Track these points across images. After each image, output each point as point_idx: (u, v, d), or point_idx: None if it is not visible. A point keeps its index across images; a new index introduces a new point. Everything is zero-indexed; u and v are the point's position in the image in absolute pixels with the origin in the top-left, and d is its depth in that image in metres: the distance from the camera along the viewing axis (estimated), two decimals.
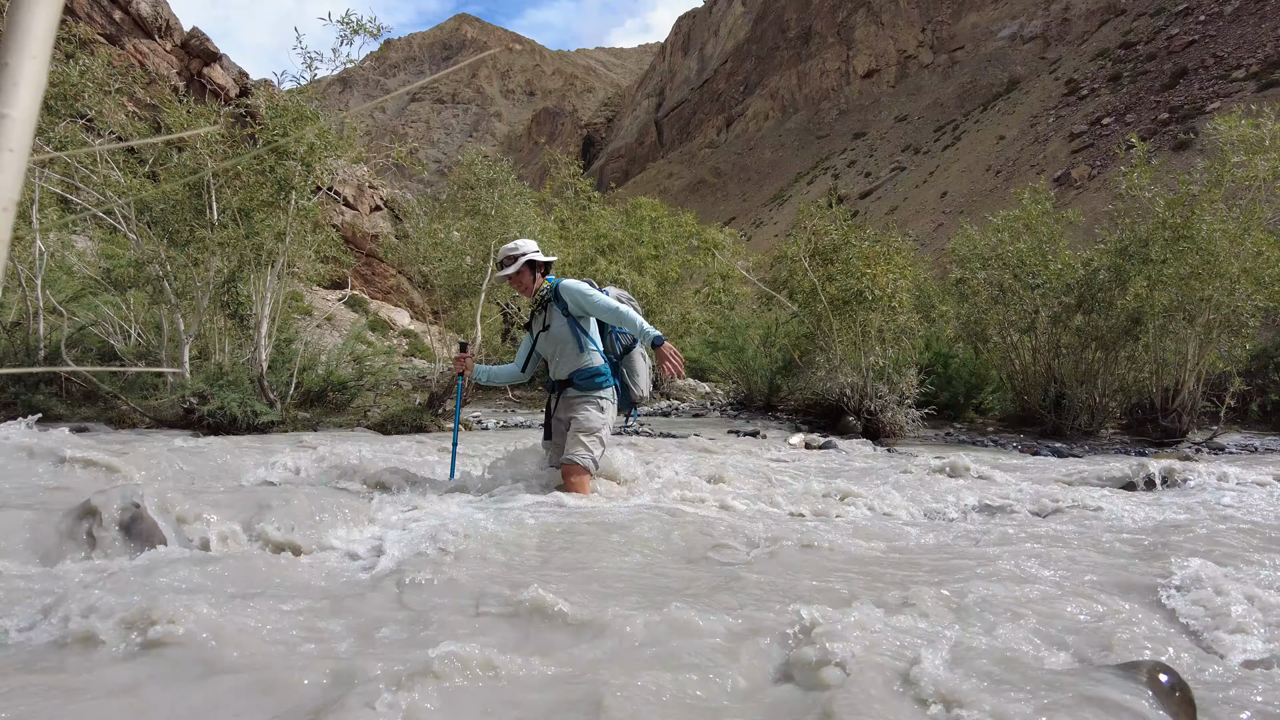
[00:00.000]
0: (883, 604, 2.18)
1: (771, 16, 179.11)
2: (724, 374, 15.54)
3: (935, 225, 79.31)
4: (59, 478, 4.09)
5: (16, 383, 7.47)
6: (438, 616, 2.06)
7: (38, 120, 0.60)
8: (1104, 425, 11.17)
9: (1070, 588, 2.41)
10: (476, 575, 2.47)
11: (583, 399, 4.23)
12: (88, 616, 1.90)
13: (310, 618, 2.06)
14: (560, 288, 4.30)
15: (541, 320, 4.36)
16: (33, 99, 0.54)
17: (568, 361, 4.27)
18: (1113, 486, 5.38)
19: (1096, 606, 2.22)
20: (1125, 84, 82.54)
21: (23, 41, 0.53)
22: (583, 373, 4.24)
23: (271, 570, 2.54)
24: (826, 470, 6.32)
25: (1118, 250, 10.58)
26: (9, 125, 0.52)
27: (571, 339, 4.24)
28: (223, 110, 8.05)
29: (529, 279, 4.36)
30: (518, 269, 4.29)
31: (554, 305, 4.30)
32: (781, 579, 2.53)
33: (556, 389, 4.38)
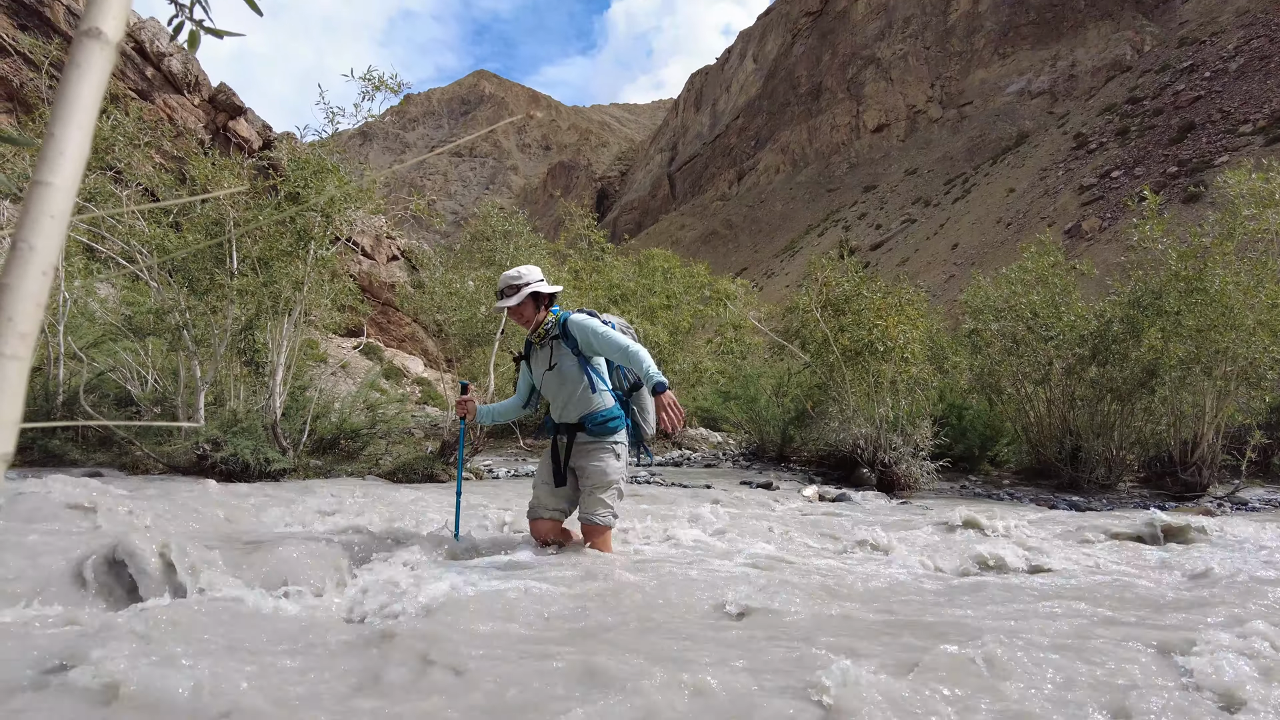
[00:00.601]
0: (901, 665, 2.14)
1: (782, 73, 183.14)
2: (736, 424, 15.48)
3: (947, 277, 79.61)
4: (76, 525, 4.10)
5: (33, 428, 7.53)
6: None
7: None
8: (1122, 478, 11.00)
9: (1090, 649, 2.36)
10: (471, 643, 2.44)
11: (597, 446, 3.95)
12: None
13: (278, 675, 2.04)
14: (570, 324, 3.96)
15: (546, 358, 4.02)
16: (76, 168, 0.57)
17: (578, 404, 3.96)
18: (1131, 540, 5.29)
19: (1114, 668, 2.16)
20: (1133, 138, 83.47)
21: (70, 113, 0.56)
22: (595, 417, 3.94)
23: (253, 623, 2.52)
24: (842, 523, 6.24)
25: (1131, 302, 10.57)
26: (52, 193, 0.55)
27: (583, 380, 3.94)
28: (246, 163, 8.26)
29: (531, 311, 4.03)
30: (520, 300, 3.95)
31: (561, 342, 3.97)
32: (798, 637, 2.49)
33: (565, 433, 4.04)
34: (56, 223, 0.55)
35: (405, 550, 3.65)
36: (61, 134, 0.56)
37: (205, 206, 7.76)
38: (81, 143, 0.58)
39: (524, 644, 2.35)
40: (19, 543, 3.12)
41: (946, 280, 77.83)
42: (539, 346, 4.08)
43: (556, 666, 2.06)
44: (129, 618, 2.38)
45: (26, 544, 3.31)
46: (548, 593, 3.01)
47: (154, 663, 1.94)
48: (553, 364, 3.97)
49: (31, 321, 0.53)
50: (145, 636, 2.18)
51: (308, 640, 2.37)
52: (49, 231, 0.55)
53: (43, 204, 0.54)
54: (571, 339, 3.94)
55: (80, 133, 0.58)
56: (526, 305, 4.00)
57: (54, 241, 0.55)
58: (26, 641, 2.18)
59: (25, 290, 0.52)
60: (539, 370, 4.09)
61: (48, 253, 0.54)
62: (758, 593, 3.09)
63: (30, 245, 0.53)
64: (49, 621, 2.42)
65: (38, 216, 0.54)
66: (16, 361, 0.53)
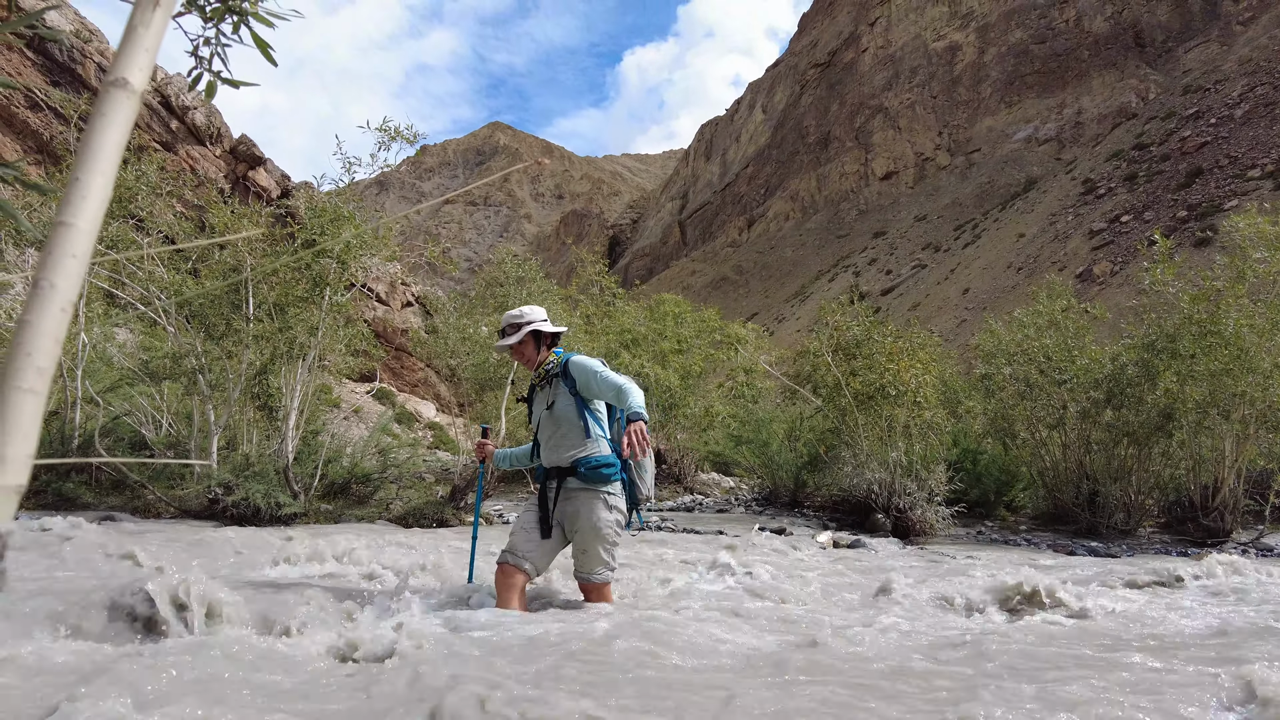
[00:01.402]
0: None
1: (791, 123, 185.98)
2: (749, 468, 15.36)
3: (958, 321, 79.46)
4: (90, 568, 4.11)
5: (48, 471, 7.59)
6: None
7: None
8: (1141, 524, 10.81)
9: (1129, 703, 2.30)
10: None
11: (588, 493, 3.69)
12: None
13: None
14: (571, 364, 3.80)
15: (546, 398, 3.84)
16: (97, 211, 0.59)
17: (569, 446, 3.74)
18: (1154, 586, 5.17)
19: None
20: (1141, 183, 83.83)
21: (94, 158, 0.59)
22: (588, 461, 3.70)
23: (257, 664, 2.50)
24: (860, 571, 6.14)
25: (1145, 345, 10.51)
26: (74, 234, 0.57)
27: (577, 422, 3.74)
28: (264, 211, 8.43)
29: (532, 351, 3.91)
30: (520, 339, 3.86)
31: (560, 382, 3.80)
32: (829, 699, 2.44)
33: (555, 477, 3.78)
34: (78, 262, 0.57)
35: (413, 595, 3.62)
36: (86, 178, 0.59)
37: (223, 253, 7.90)
38: (104, 187, 0.61)
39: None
40: (41, 578, 3.12)
41: (958, 325, 77.66)
42: (540, 388, 3.91)
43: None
44: (133, 657, 2.37)
45: (49, 580, 3.32)
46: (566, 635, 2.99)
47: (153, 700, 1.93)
48: (551, 403, 3.79)
49: (49, 358, 0.55)
50: (151, 669, 2.17)
51: (305, 678, 2.35)
52: (70, 271, 0.57)
53: (65, 245, 0.57)
54: (570, 379, 3.77)
55: (103, 178, 0.60)
56: (528, 344, 3.90)
57: (74, 280, 0.57)
58: (35, 678, 2.17)
59: (45, 327, 0.54)
60: (538, 411, 3.90)
61: (68, 291, 0.56)
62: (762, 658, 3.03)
63: (51, 283, 0.55)
64: (58, 660, 2.41)
65: (60, 257, 0.56)
66: (34, 396, 0.55)
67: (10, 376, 0.54)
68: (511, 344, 3.87)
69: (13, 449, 0.54)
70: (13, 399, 0.55)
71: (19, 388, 0.55)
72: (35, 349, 0.56)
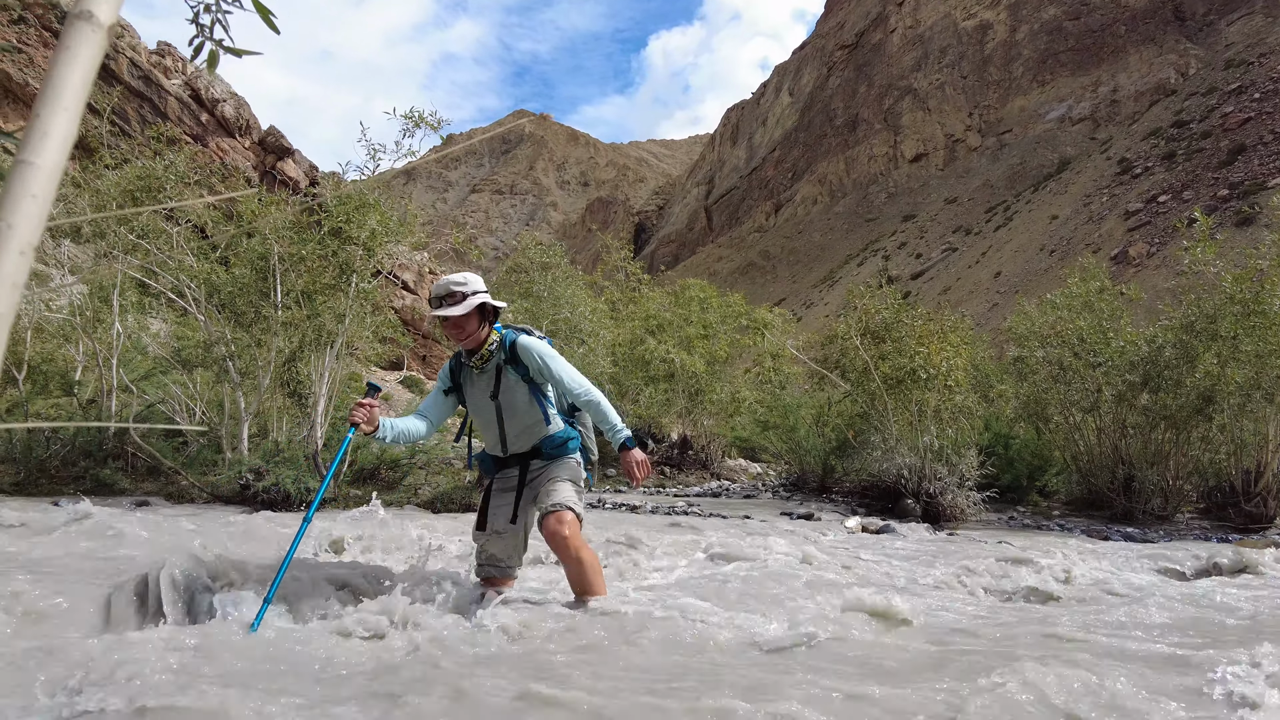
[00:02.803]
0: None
1: (818, 106, 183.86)
2: (775, 454, 15.27)
3: (990, 305, 78.32)
4: (118, 550, 4.17)
5: (86, 458, 7.75)
6: None
7: (65, 171, 0.61)
8: (1179, 509, 10.56)
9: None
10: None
11: (552, 463, 3.49)
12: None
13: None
14: (519, 347, 3.39)
15: (486, 385, 3.42)
16: (60, 151, 0.56)
17: (529, 432, 3.47)
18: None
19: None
20: (1180, 162, 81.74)
21: (56, 96, 0.56)
22: (551, 440, 3.47)
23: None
24: (902, 556, 6.06)
25: (1184, 326, 10.23)
26: (33, 172, 0.54)
27: (534, 410, 3.43)
28: (290, 198, 8.49)
29: (475, 325, 3.36)
30: (466, 311, 3.26)
31: (509, 369, 3.40)
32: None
33: (515, 464, 3.52)
34: (38, 203, 0.54)
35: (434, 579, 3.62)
36: (47, 115, 0.56)
37: (252, 241, 7.98)
38: (67, 124, 0.58)
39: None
40: (72, 564, 3.17)
41: (990, 308, 76.53)
42: (476, 370, 3.45)
43: None
44: (160, 638, 2.39)
45: (80, 565, 3.37)
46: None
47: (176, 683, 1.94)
48: (497, 394, 3.40)
49: (7, 302, 0.52)
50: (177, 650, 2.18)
51: (325, 657, 2.36)
52: (28, 211, 0.54)
53: (24, 184, 0.53)
54: (521, 366, 3.39)
55: (66, 115, 0.57)
56: (473, 318, 3.34)
57: (34, 222, 0.54)
58: (59, 656, 2.20)
59: (3, 271, 0.52)
60: (476, 397, 3.49)
61: (26, 233, 0.53)
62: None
63: (9, 224, 0.52)
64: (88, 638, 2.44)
65: (19, 196, 0.53)
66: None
67: None
68: (454, 314, 3.25)
69: None
70: None
71: None
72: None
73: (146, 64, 25.20)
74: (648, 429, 16.76)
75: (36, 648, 2.31)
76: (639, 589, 3.85)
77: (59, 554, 3.89)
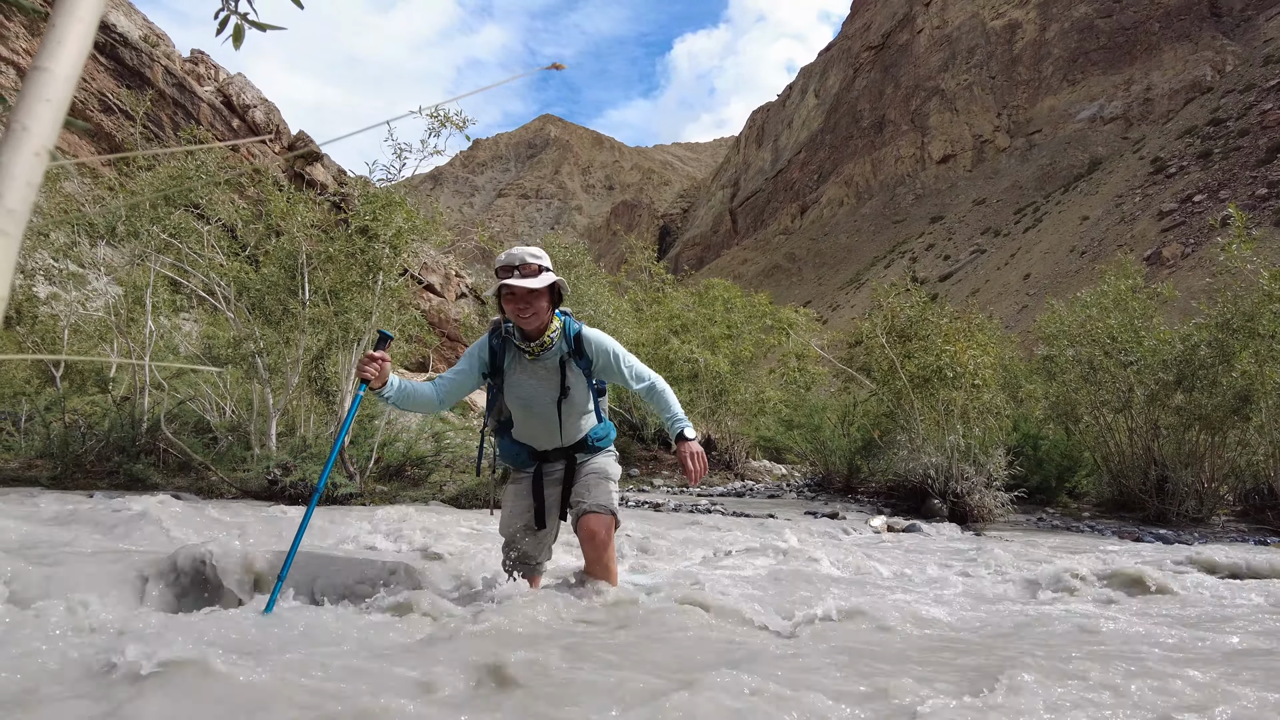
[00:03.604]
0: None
1: (844, 108, 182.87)
2: (800, 454, 15.17)
3: (1019, 307, 77.31)
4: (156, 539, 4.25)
5: (119, 453, 7.91)
6: None
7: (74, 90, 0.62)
8: (1215, 512, 10.33)
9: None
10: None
11: (594, 456, 3.35)
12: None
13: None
14: (585, 340, 3.15)
15: (547, 375, 3.14)
16: (75, 59, 0.58)
17: (583, 428, 3.29)
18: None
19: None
20: (1217, 160, 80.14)
21: (73, 5, 0.57)
22: (596, 433, 3.33)
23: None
24: (944, 554, 6.00)
25: (1220, 325, 10.00)
26: (48, 78, 0.56)
27: (591, 410, 3.28)
28: (317, 198, 8.61)
29: (547, 306, 3.06)
30: (542, 285, 3.00)
31: (573, 362, 3.14)
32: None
33: (559, 458, 3.31)
34: (52, 107, 0.56)
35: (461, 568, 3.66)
36: (63, 25, 0.57)
37: (280, 239, 8.10)
38: (82, 35, 0.59)
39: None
40: (114, 550, 3.23)
41: (1019, 311, 75.53)
42: (530, 357, 3.12)
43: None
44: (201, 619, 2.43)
45: (128, 551, 3.44)
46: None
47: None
48: (566, 387, 3.12)
49: (21, 199, 0.53)
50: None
51: (363, 639, 2.38)
52: (43, 115, 0.55)
53: (40, 88, 0.55)
54: (586, 359, 3.15)
55: (81, 25, 0.59)
56: (544, 295, 3.05)
57: (48, 125, 0.55)
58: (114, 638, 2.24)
59: (17, 170, 0.53)
60: (531, 388, 3.16)
61: (42, 135, 0.55)
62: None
63: (24, 126, 0.53)
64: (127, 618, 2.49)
65: (34, 100, 0.55)
66: (5, 237, 0.53)
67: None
68: (536, 286, 2.97)
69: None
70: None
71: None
72: (6, 191, 0.54)
73: (180, 71, 25.73)
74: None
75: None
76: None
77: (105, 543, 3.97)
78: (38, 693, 1.73)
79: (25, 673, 1.82)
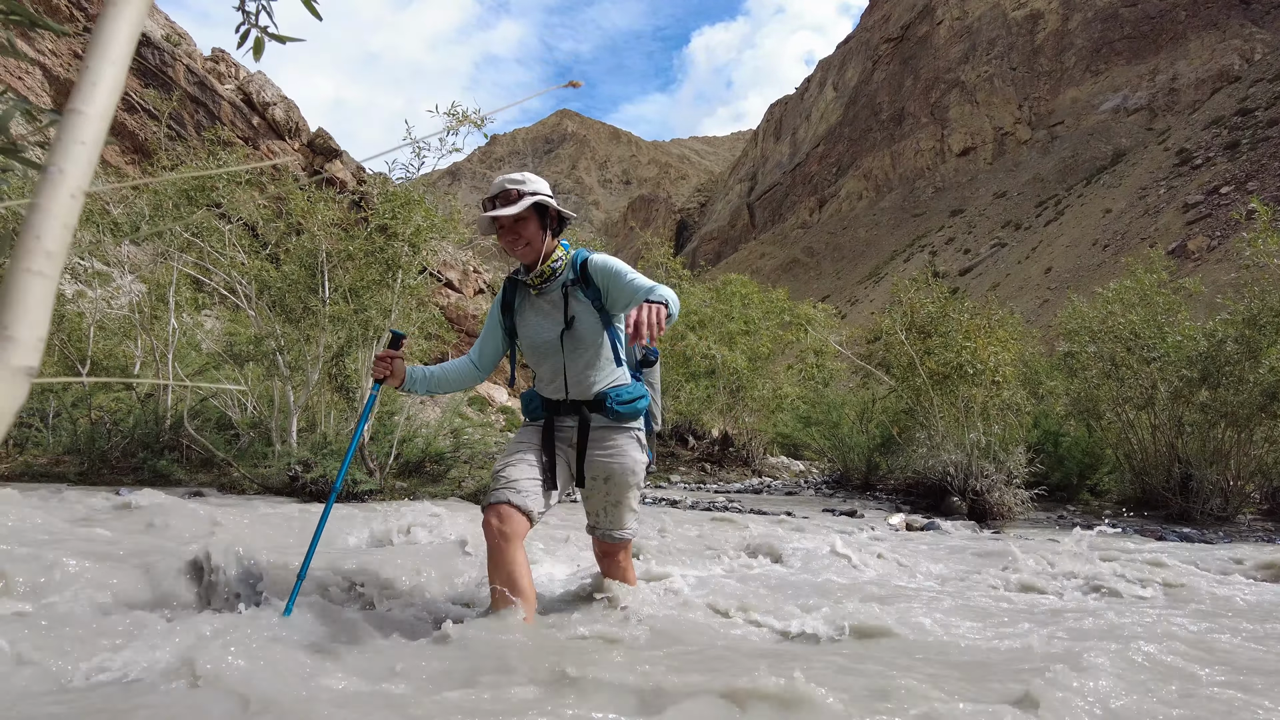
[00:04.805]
0: None
1: (863, 100, 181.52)
2: (819, 451, 15.13)
3: (1040, 301, 76.53)
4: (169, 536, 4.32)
5: (144, 449, 8.04)
6: None
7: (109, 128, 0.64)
8: (1241, 510, 10.19)
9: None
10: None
11: (619, 433, 2.86)
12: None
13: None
14: (591, 266, 2.78)
15: (553, 310, 2.82)
16: (108, 100, 0.60)
17: (596, 375, 2.82)
18: None
19: None
20: (1245, 151, 78.79)
21: (105, 48, 0.59)
22: (619, 395, 2.81)
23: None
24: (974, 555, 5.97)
25: (1247, 320, 9.84)
26: (83, 120, 0.57)
27: (605, 345, 2.81)
28: (337, 196, 8.68)
29: (537, 232, 2.75)
30: (522, 210, 2.66)
31: (579, 290, 2.78)
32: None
33: (571, 413, 2.87)
34: (87, 149, 0.57)
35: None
36: (96, 67, 0.59)
37: (301, 237, 8.19)
38: (115, 76, 0.61)
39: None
40: (147, 546, 3.29)
41: (1040, 305, 74.75)
42: (535, 291, 2.85)
43: None
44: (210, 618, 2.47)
45: (145, 549, 3.50)
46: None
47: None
48: (570, 318, 2.76)
49: (58, 241, 0.55)
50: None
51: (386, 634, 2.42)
52: (78, 157, 0.57)
53: (75, 131, 0.57)
54: (594, 288, 2.77)
55: (114, 68, 0.60)
56: (531, 221, 2.73)
57: (83, 166, 0.57)
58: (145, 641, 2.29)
59: (54, 211, 0.55)
60: (536, 325, 2.86)
61: (77, 177, 0.56)
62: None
63: (60, 169, 0.55)
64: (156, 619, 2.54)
65: (69, 143, 0.56)
66: (43, 279, 0.55)
67: (19, 259, 0.55)
68: (509, 214, 2.64)
69: (23, 331, 0.55)
70: (22, 281, 0.55)
71: (28, 270, 0.56)
72: (44, 232, 0.56)
73: (202, 70, 26.00)
74: (689, 425, 16.76)
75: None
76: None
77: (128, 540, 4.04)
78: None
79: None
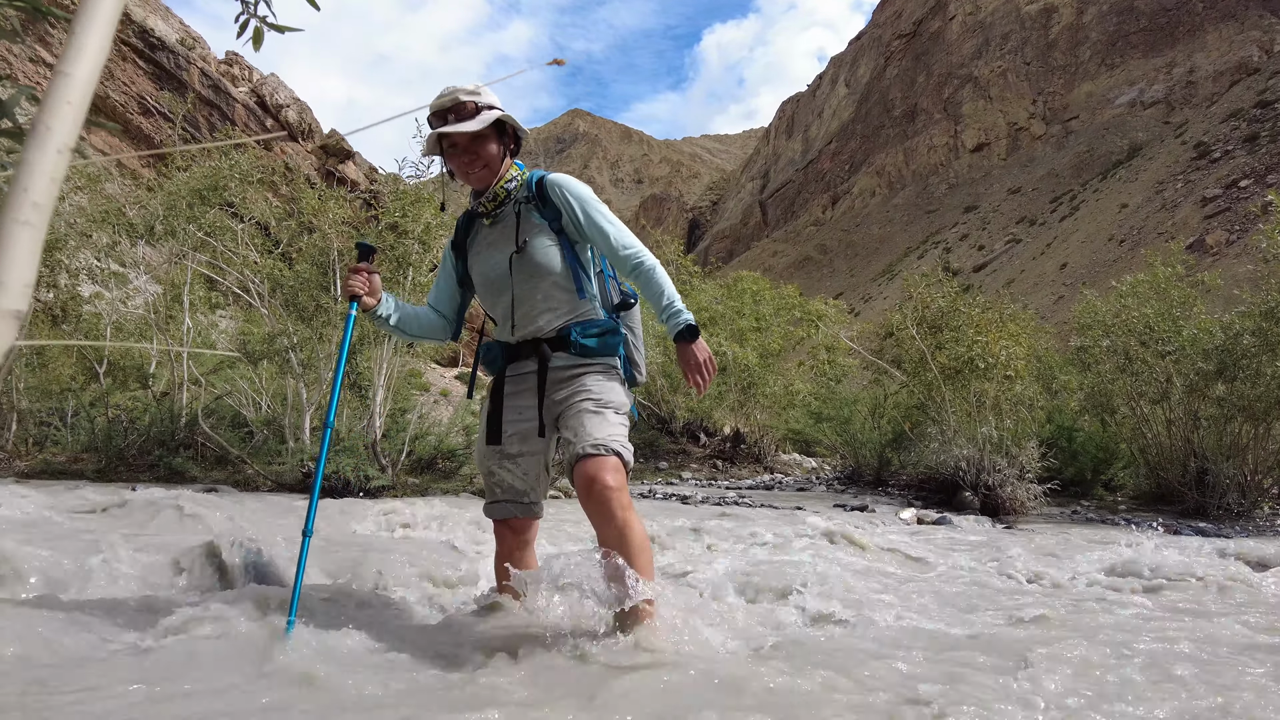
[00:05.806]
0: None
1: (876, 96, 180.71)
2: (831, 447, 15.10)
3: (1056, 298, 75.95)
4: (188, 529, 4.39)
5: (160, 447, 8.15)
6: None
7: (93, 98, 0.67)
8: (1259, 505, 10.08)
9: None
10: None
11: (589, 371, 2.41)
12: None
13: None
14: (548, 185, 2.43)
15: (505, 237, 2.44)
16: (94, 64, 0.63)
17: (555, 308, 2.42)
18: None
19: None
20: (1264, 144, 77.87)
21: (92, 15, 0.62)
22: (585, 328, 2.40)
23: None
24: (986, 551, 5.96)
25: (1264, 313, 9.74)
26: (69, 82, 0.60)
27: (565, 271, 2.41)
28: (349, 195, 8.77)
29: (494, 151, 2.38)
30: (481, 128, 2.30)
31: (533, 212, 2.42)
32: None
33: (530, 355, 2.45)
34: (73, 109, 0.60)
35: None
36: (83, 32, 0.62)
37: (313, 236, 8.26)
38: (100, 42, 0.64)
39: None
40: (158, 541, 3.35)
41: (1056, 301, 74.19)
42: (489, 221, 2.48)
43: None
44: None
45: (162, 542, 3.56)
46: None
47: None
48: (521, 244, 2.39)
49: (45, 194, 0.58)
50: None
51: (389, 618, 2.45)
52: (65, 116, 0.60)
53: (62, 91, 0.60)
54: (552, 209, 2.41)
55: (99, 35, 0.63)
56: (488, 140, 2.37)
57: (69, 125, 0.60)
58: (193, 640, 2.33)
59: (41, 166, 0.58)
60: (486, 259, 2.48)
61: (63, 134, 0.59)
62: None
63: (48, 127, 0.58)
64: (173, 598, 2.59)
65: (57, 102, 0.59)
66: (30, 228, 0.58)
67: (8, 210, 0.58)
68: (467, 130, 2.29)
69: (10, 275, 0.59)
70: (10, 230, 0.59)
71: (16, 220, 0.59)
72: (31, 185, 0.59)
73: (216, 73, 26.27)
74: (700, 423, 16.76)
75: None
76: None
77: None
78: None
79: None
